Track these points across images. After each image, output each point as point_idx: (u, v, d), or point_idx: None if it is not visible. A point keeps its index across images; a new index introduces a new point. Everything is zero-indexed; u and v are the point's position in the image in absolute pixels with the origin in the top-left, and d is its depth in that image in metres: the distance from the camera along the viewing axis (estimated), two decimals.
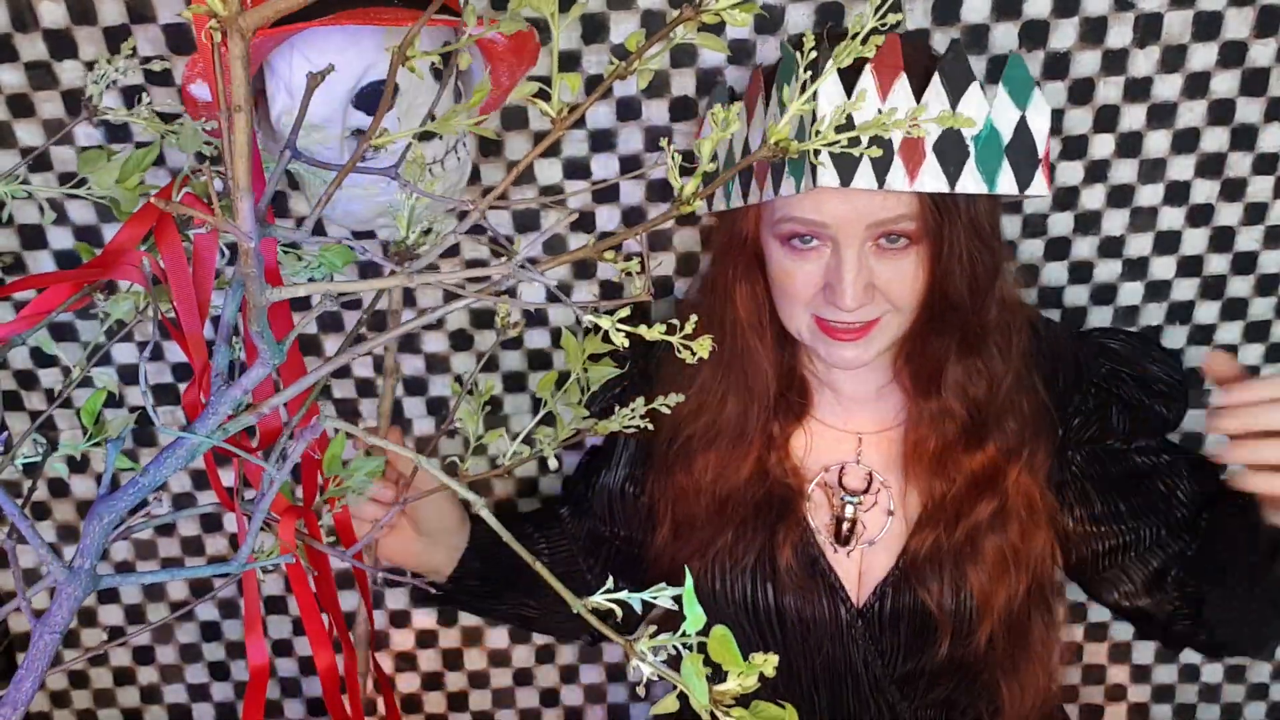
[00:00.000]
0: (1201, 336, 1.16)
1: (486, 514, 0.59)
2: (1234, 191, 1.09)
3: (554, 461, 0.93)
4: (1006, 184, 0.86)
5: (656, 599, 0.50)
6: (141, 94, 0.99)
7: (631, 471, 1.10)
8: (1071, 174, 1.08)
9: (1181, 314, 1.15)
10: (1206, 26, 1.01)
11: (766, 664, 0.45)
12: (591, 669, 1.34)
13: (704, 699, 0.46)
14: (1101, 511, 1.01)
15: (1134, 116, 1.05)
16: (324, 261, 0.84)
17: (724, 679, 0.47)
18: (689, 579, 0.48)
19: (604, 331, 0.53)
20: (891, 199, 0.86)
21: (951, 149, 0.85)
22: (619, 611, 0.50)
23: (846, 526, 1.01)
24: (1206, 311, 1.15)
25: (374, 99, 0.85)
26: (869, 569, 1.01)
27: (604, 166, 1.08)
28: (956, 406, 0.96)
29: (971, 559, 0.97)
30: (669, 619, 0.48)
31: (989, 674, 1.02)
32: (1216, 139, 1.07)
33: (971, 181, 0.86)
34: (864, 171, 0.83)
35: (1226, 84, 1.04)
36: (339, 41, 0.82)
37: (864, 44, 0.55)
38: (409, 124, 0.86)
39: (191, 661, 1.33)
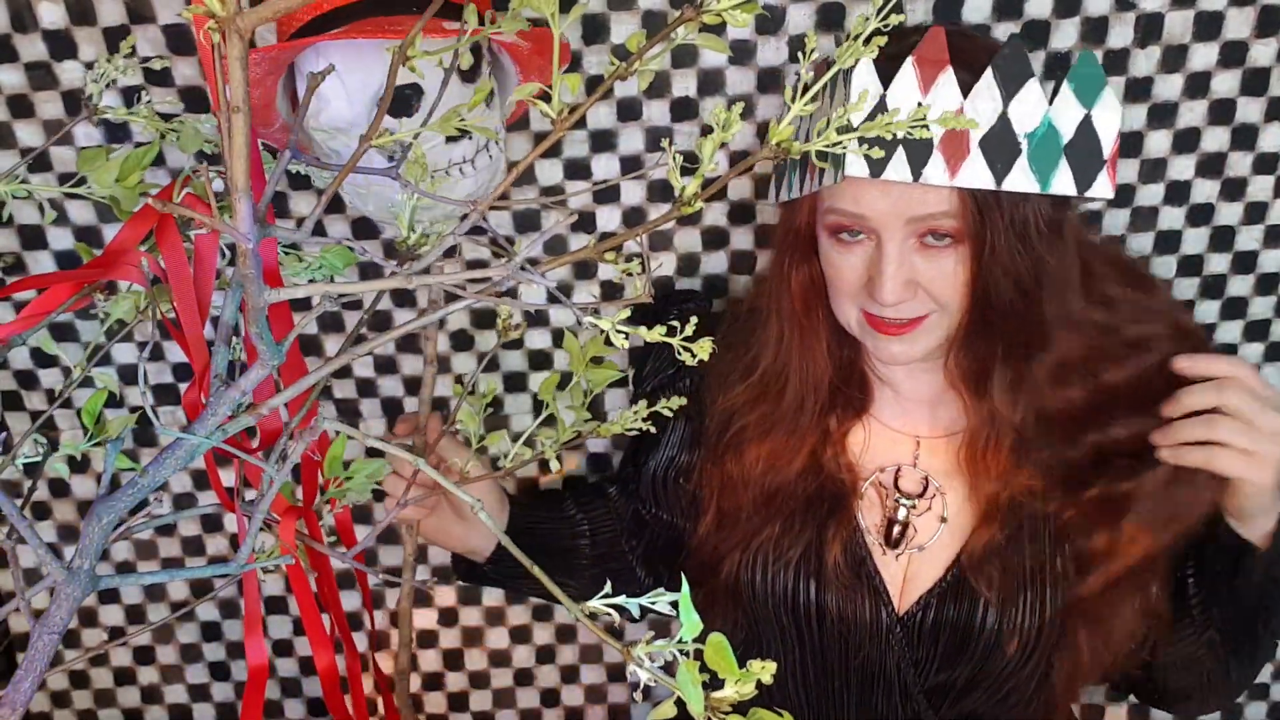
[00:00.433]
0: None
1: (484, 516, 0.59)
2: (1234, 191, 1.09)
3: (555, 463, 0.93)
4: (1063, 184, 0.84)
5: (655, 603, 0.50)
6: (141, 93, 0.99)
7: (678, 455, 1.09)
8: None
9: None
10: (1207, 26, 1.01)
11: (764, 671, 0.45)
12: (592, 669, 1.34)
13: (699, 705, 0.46)
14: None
15: (1134, 116, 1.05)
16: (324, 262, 0.84)
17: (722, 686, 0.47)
18: (685, 585, 0.48)
19: (604, 333, 0.53)
20: (931, 194, 0.84)
21: (1001, 145, 0.82)
22: (616, 616, 0.50)
23: (898, 529, 0.99)
24: (1207, 311, 1.15)
25: (399, 102, 0.85)
26: (914, 575, 1.00)
27: (605, 167, 1.08)
28: (1006, 411, 0.94)
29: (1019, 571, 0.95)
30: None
31: (1019, 691, 1.01)
32: (1217, 139, 1.06)
33: (1022, 179, 0.83)
34: (898, 164, 0.81)
35: (1227, 84, 1.04)
36: (367, 47, 0.82)
37: (866, 45, 0.55)
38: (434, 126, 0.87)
39: (192, 661, 1.33)
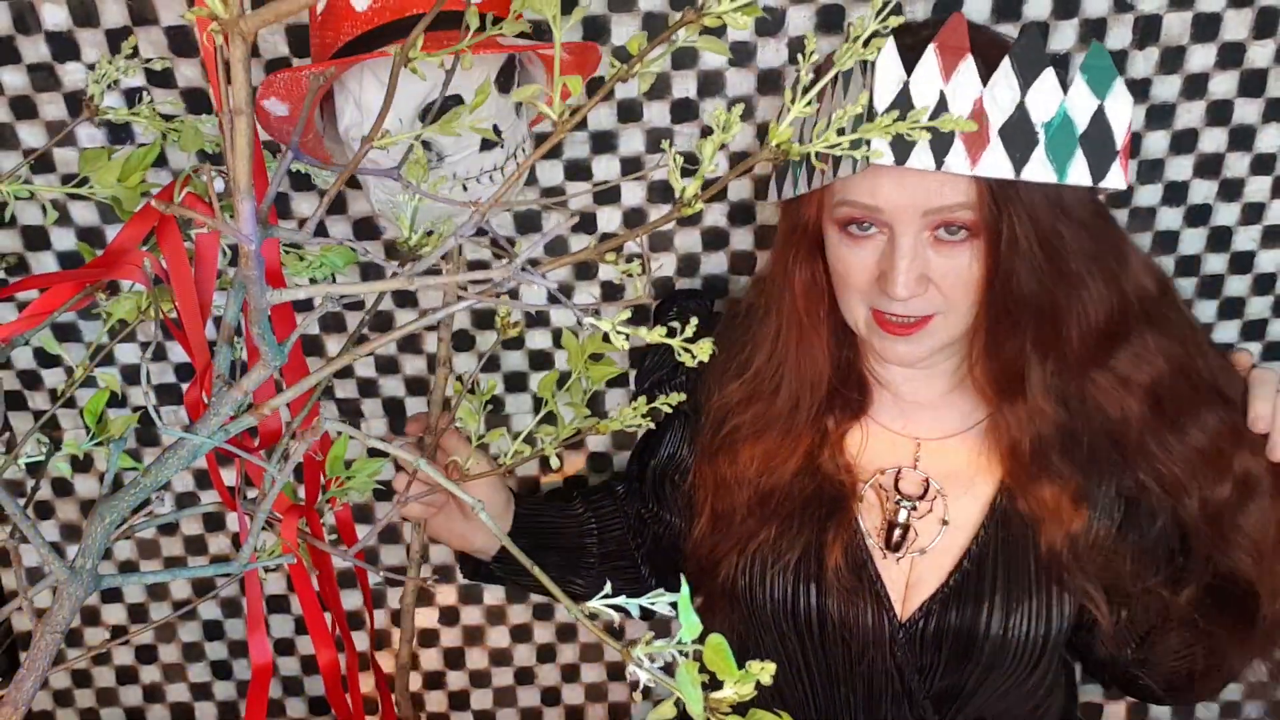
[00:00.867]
0: None
1: (485, 517, 0.60)
2: (1232, 192, 1.09)
3: (555, 461, 0.93)
4: (1079, 174, 0.83)
5: (655, 604, 0.50)
6: (142, 94, 1.00)
7: (678, 453, 1.08)
8: None
9: None
10: (1205, 28, 1.01)
11: (764, 672, 0.45)
12: (592, 668, 1.35)
13: (699, 706, 0.46)
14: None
15: (1133, 117, 1.05)
16: (326, 262, 0.85)
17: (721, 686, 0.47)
18: (684, 586, 0.48)
19: (604, 333, 0.54)
20: (949, 185, 0.83)
21: (1019, 135, 0.81)
22: (616, 616, 0.50)
23: (899, 532, 0.97)
24: (1205, 310, 1.15)
25: (440, 114, 0.86)
26: (917, 580, 0.98)
27: (605, 168, 1.08)
28: (1047, 407, 0.92)
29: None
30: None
31: (1031, 695, 1.01)
32: (1215, 139, 1.07)
33: (1040, 169, 0.82)
34: (921, 152, 0.80)
35: (1225, 85, 1.04)
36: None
37: (865, 46, 0.55)
38: (474, 134, 0.87)
39: (194, 660, 1.33)
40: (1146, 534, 0.96)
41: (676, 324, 0.59)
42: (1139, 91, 1.04)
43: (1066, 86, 0.82)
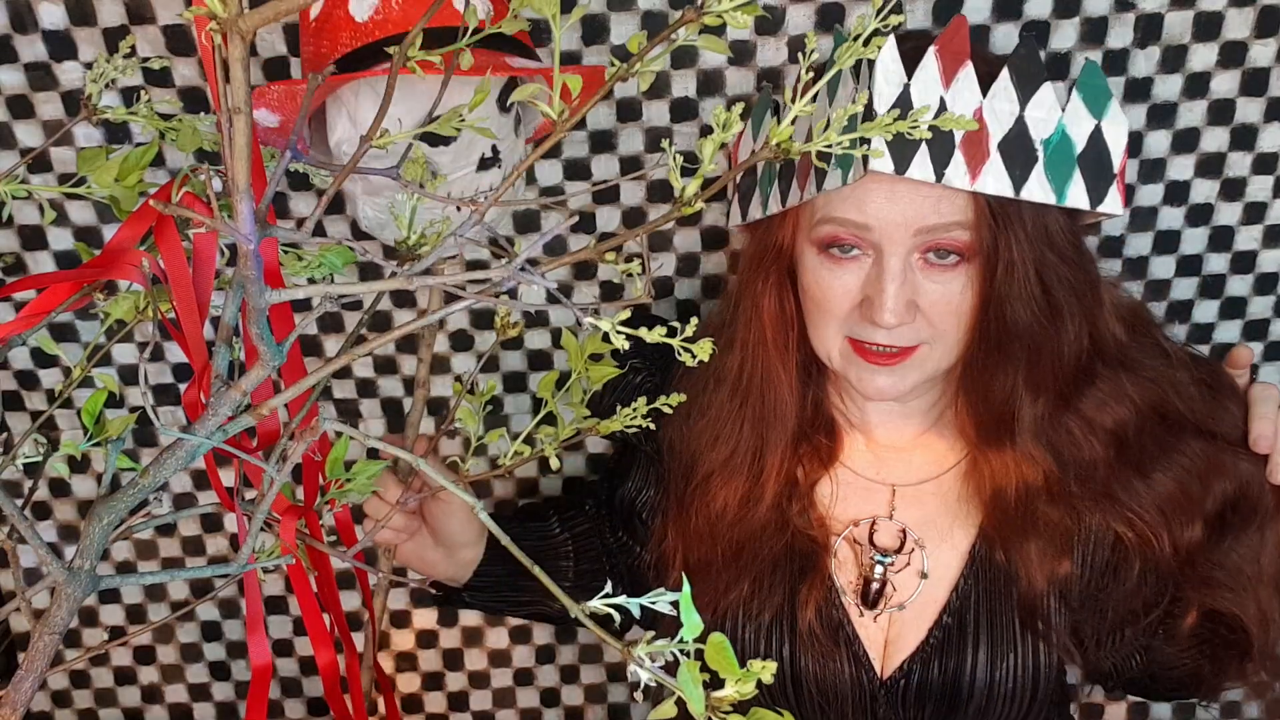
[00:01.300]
0: (1200, 336, 1.16)
1: (485, 517, 0.59)
2: (1233, 191, 1.09)
3: (555, 461, 0.93)
4: (1077, 196, 0.78)
5: (655, 604, 0.50)
6: (140, 92, 0.99)
7: (644, 490, 1.05)
8: None
9: (1181, 313, 1.15)
10: (1206, 27, 1.01)
11: (765, 671, 0.45)
12: (592, 669, 1.34)
13: (700, 705, 0.46)
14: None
15: (1134, 117, 1.05)
16: (324, 262, 0.84)
17: (722, 685, 0.47)
18: (686, 585, 0.48)
19: (604, 333, 0.53)
20: (945, 203, 0.78)
21: (1019, 151, 0.77)
22: (617, 616, 0.50)
23: (875, 588, 0.92)
24: (1205, 310, 1.15)
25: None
26: (896, 637, 0.93)
27: (604, 167, 1.08)
28: (1037, 453, 0.86)
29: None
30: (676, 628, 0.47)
31: None
32: (1216, 139, 1.07)
33: (1039, 189, 0.77)
34: (920, 162, 0.75)
35: (1226, 84, 1.04)
36: (415, 79, 0.82)
37: (865, 46, 0.55)
38: (473, 152, 0.86)
39: (192, 661, 1.33)
40: (1126, 581, 0.92)
41: (676, 324, 0.58)
42: (1140, 91, 1.04)
43: (1064, 103, 0.79)
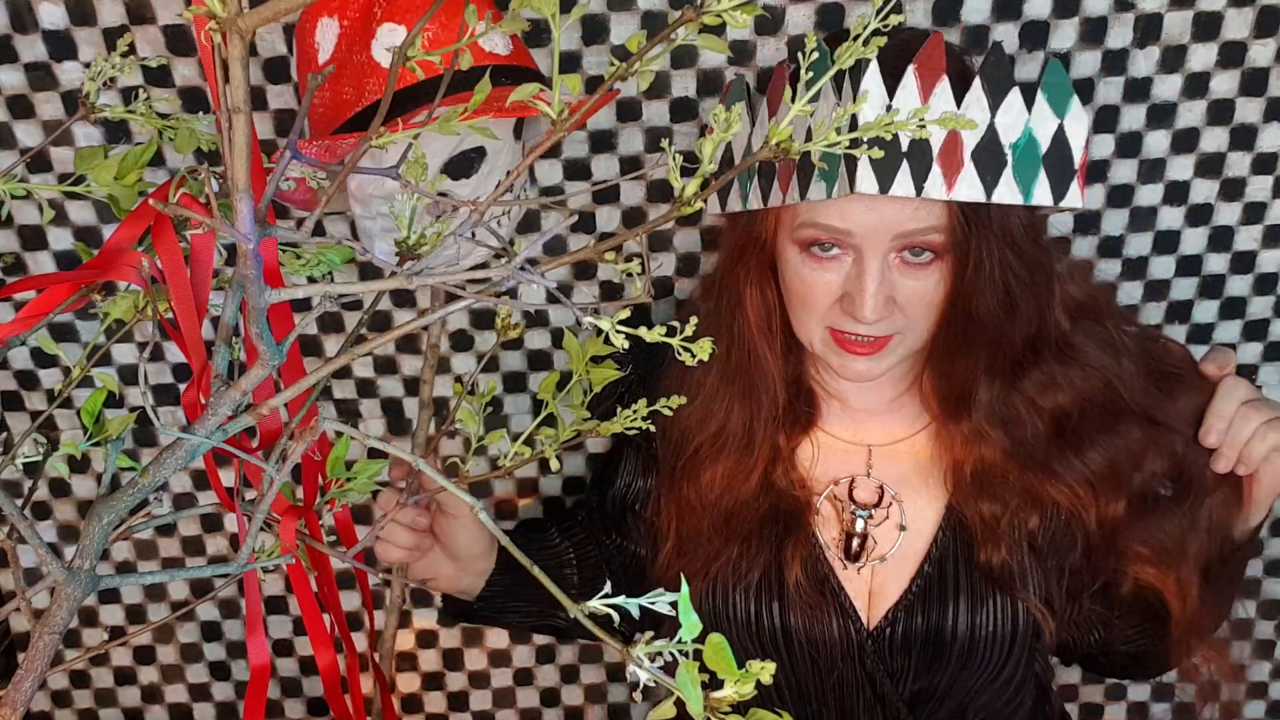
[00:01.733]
0: (1200, 336, 1.16)
1: (484, 517, 0.59)
2: (1233, 191, 1.09)
3: (555, 462, 0.93)
4: (1042, 194, 0.83)
5: (654, 604, 0.50)
6: (139, 91, 0.99)
7: (634, 483, 1.08)
8: None
9: (1180, 313, 1.15)
10: (1206, 27, 1.01)
11: (764, 671, 0.45)
12: (592, 669, 1.34)
13: (699, 706, 0.46)
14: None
15: (1134, 117, 1.05)
16: (323, 259, 0.84)
17: (722, 685, 0.47)
18: (685, 586, 0.48)
19: (604, 333, 0.53)
20: (922, 210, 0.83)
21: (990, 157, 0.82)
22: (616, 617, 0.50)
23: (857, 542, 0.97)
24: (1205, 310, 1.15)
25: (462, 164, 0.86)
26: (880, 588, 0.98)
27: (604, 167, 1.08)
28: (990, 430, 0.93)
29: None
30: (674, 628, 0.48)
31: (1005, 687, 1.01)
32: (1216, 139, 1.07)
33: (1008, 191, 0.82)
34: (902, 179, 0.80)
35: (1226, 84, 1.04)
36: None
37: (865, 45, 0.55)
38: (490, 182, 0.88)
39: (192, 661, 1.33)
40: (1069, 554, 0.98)
41: (675, 323, 0.58)
42: (1140, 91, 1.04)
43: (1030, 105, 0.83)
